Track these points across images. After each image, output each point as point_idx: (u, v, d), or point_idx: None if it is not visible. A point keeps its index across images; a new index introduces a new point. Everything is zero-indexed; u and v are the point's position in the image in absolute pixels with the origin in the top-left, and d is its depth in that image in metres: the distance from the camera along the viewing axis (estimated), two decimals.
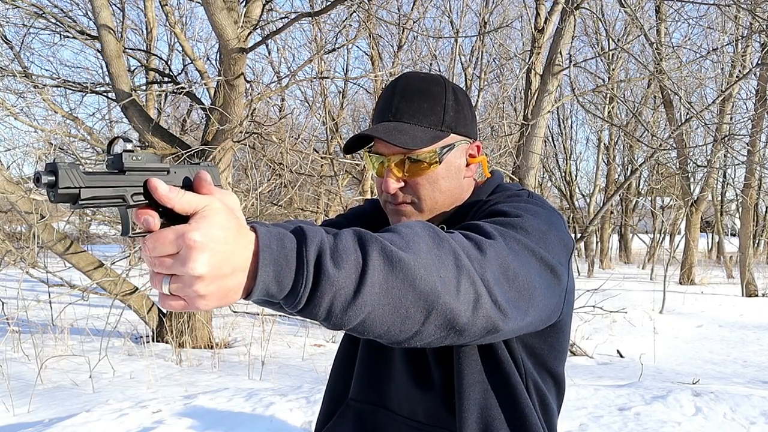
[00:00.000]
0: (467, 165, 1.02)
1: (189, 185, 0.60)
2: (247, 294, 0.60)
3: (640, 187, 19.98)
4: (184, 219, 0.56)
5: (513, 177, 7.33)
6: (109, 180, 0.56)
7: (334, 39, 10.11)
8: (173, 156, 6.03)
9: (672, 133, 10.59)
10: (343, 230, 0.66)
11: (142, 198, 0.57)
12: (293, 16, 6.23)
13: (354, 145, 1.01)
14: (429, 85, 0.98)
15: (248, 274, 0.58)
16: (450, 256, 0.68)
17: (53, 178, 0.53)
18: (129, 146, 0.57)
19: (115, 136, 0.56)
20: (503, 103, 13.56)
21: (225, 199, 0.61)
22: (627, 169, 19.14)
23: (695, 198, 13.87)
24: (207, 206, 0.56)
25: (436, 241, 0.69)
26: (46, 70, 15.26)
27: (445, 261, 0.67)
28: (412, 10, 10.86)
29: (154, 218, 0.57)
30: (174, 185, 0.58)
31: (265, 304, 0.74)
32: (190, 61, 8.01)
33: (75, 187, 0.54)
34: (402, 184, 0.97)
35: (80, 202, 0.54)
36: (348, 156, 10.94)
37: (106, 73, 6.49)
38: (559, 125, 18.55)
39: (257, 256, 0.58)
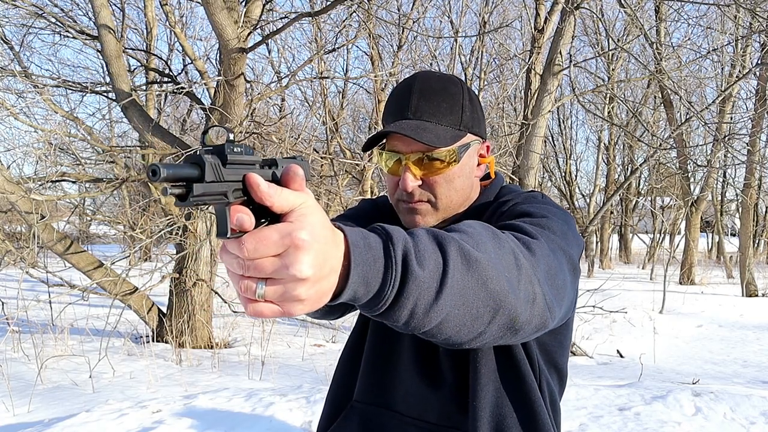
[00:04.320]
0: (478, 165, 1.04)
1: (276, 180, 0.55)
2: (333, 297, 0.56)
3: (640, 187, 19.99)
4: (273, 217, 0.52)
5: (513, 177, 7.33)
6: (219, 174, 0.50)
7: (334, 39, 10.12)
8: (173, 156, 6.03)
9: (672, 133, 10.58)
10: (417, 229, 0.64)
11: (240, 194, 0.52)
12: (293, 16, 6.23)
13: (371, 143, 1.00)
14: (446, 85, 0.99)
15: (338, 275, 0.55)
16: (510, 256, 0.68)
17: (198, 172, 0.48)
18: (231, 136, 0.52)
19: (212, 125, 0.48)
20: (503, 103, 13.56)
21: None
22: (627, 169, 19.15)
23: (695, 198, 13.87)
24: (304, 203, 0.52)
25: (497, 240, 0.69)
26: (46, 69, 15.26)
27: (507, 261, 0.67)
28: (412, 10, 10.86)
29: (250, 217, 0.51)
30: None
31: (323, 316, 0.77)
32: (190, 61, 8.01)
33: (215, 181, 0.49)
34: (420, 182, 0.96)
35: (191, 199, 0.48)
36: (348, 156, 10.95)
37: (106, 72, 6.49)
38: (559, 125, 18.55)
39: (348, 256, 0.55)
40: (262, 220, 0.52)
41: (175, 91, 7.10)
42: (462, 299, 0.62)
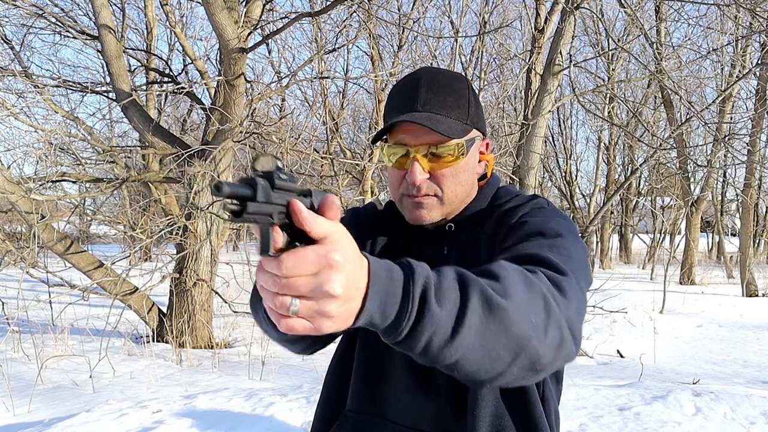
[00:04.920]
0: (479, 161, 1.04)
1: (312, 208, 0.61)
2: (354, 319, 0.60)
3: (641, 187, 19.99)
4: (308, 242, 0.57)
5: (513, 177, 7.33)
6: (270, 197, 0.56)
7: (334, 39, 10.13)
8: (173, 156, 6.03)
9: (672, 133, 10.59)
10: (445, 267, 0.67)
11: (283, 217, 0.57)
12: (293, 16, 6.23)
13: (381, 134, 0.99)
14: (452, 81, 0.99)
15: (361, 299, 0.59)
16: (540, 300, 0.70)
17: (251, 192, 0.53)
18: (279, 164, 0.58)
19: (264, 153, 0.54)
20: (503, 103, 13.56)
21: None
22: (627, 169, 19.15)
23: (695, 198, 13.87)
24: (337, 231, 0.57)
25: (528, 283, 0.71)
26: (47, 69, 15.25)
27: (536, 305, 0.69)
28: (412, 10, 10.87)
29: (282, 237, 0.57)
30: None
31: (297, 343, 0.81)
32: (190, 61, 8.02)
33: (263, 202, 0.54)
34: (427, 175, 0.96)
35: (245, 216, 0.52)
36: (348, 156, 10.95)
37: (107, 72, 6.50)
38: (560, 125, 18.55)
39: (368, 284, 0.59)
40: (296, 243, 0.57)
41: (176, 91, 7.11)
42: (481, 341, 0.64)
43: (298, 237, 0.57)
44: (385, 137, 1.00)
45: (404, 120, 0.92)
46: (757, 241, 19.76)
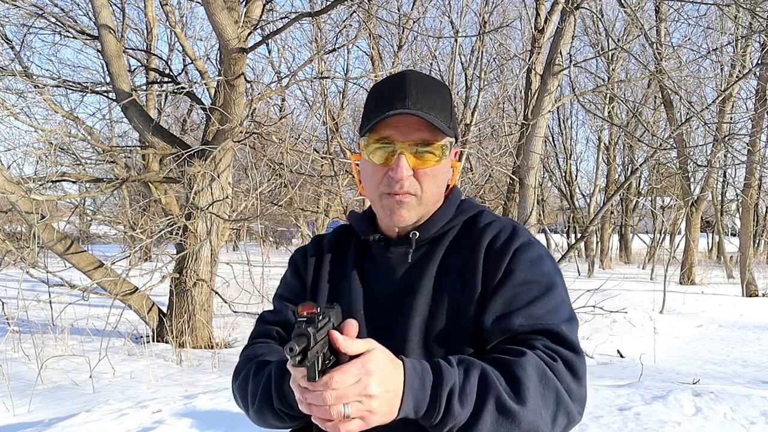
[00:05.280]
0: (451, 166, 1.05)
1: (334, 326, 0.75)
2: (396, 414, 0.75)
3: (640, 187, 19.99)
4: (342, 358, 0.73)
5: (513, 177, 7.33)
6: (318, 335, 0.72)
7: (334, 39, 10.12)
8: (173, 156, 6.03)
9: (672, 133, 10.59)
10: (472, 369, 0.80)
11: (325, 345, 0.73)
12: (293, 16, 6.23)
13: (373, 125, 0.96)
14: (438, 85, 1.00)
15: (400, 397, 0.74)
16: (553, 394, 0.83)
17: (308, 343, 0.68)
18: (319, 309, 0.73)
19: (306, 303, 0.73)
20: (503, 103, 13.56)
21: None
22: (627, 169, 19.14)
23: (695, 198, 13.87)
24: (369, 346, 0.73)
25: (544, 381, 0.82)
26: (47, 69, 15.26)
27: (549, 400, 0.82)
28: (412, 10, 10.87)
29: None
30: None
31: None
32: (190, 61, 8.01)
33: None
34: (411, 173, 0.96)
35: (306, 362, 0.68)
36: (348, 156, 10.94)
37: (107, 72, 6.50)
38: (559, 125, 18.55)
39: (404, 384, 0.75)
40: (331, 357, 0.73)
41: (176, 91, 7.11)
42: (494, 429, 0.80)
43: (334, 351, 0.73)
44: (365, 134, 0.99)
45: (404, 112, 0.92)
46: (757, 241, 19.75)
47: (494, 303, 0.92)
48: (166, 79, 8.13)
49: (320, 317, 0.72)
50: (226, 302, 6.48)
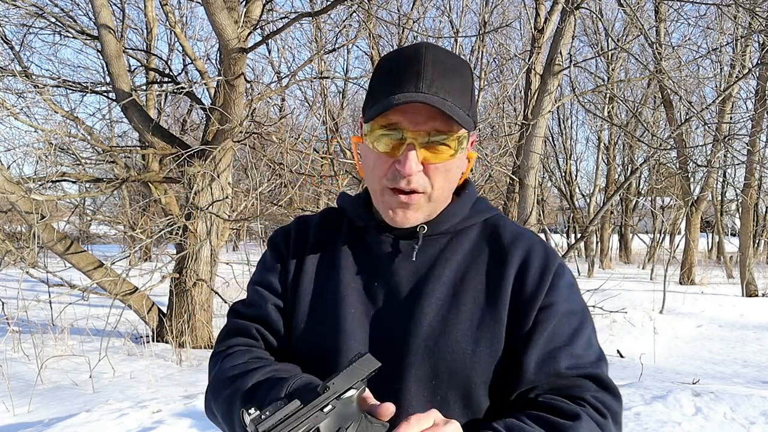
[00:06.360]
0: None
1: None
2: None
3: (640, 187, 19.97)
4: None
5: (513, 177, 7.33)
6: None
7: (334, 39, 10.11)
8: (173, 156, 6.03)
9: (672, 133, 10.59)
10: None
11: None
12: (293, 16, 6.23)
13: (378, 111, 0.82)
14: (458, 64, 0.86)
15: None
16: None
17: None
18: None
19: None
20: (503, 103, 13.56)
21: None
22: (627, 169, 19.13)
23: (695, 198, 13.86)
24: (435, 419, 0.72)
25: None
26: (47, 69, 15.26)
27: None
28: (412, 10, 10.86)
29: None
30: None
31: None
32: (190, 61, 8.01)
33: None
34: (421, 168, 0.83)
35: None
36: (348, 156, 10.94)
37: (106, 72, 6.50)
38: (559, 125, 18.54)
39: None
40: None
41: (175, 91, 7.11)
42: None
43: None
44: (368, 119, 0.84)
45: (416, 100, 0.79)
46: (757, 241, 19.75)
47: (537, 337, 0.85)
48: (166, 79, 8.13)
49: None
50: (226, 302, 6.48)
